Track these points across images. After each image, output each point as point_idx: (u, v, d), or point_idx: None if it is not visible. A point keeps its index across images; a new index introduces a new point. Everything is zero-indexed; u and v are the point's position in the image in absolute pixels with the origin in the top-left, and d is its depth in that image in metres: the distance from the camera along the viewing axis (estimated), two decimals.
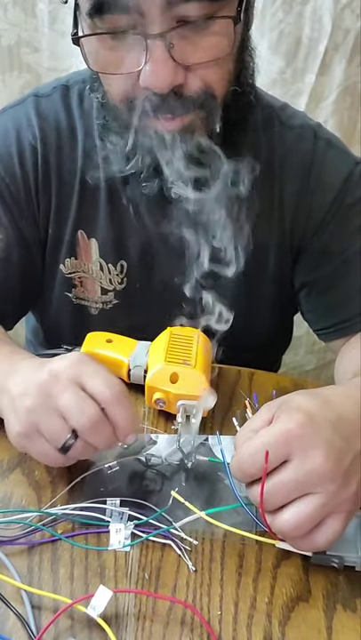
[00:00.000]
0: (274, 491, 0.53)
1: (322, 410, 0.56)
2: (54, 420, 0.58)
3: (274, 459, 0.53)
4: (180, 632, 0.53)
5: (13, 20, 1.29)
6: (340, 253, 0.83)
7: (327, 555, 0.57)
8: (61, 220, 0.85)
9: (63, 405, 0.58)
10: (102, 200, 0.84)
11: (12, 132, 0.83)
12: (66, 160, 0.83)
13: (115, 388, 0.59)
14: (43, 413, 0.58)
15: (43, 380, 0.59)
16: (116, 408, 0.59)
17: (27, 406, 0.59)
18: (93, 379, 0.59)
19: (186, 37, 0.64)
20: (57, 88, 0.85)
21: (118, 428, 0.59)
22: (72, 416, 0.57)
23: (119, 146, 0.75)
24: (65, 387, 0.58)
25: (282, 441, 0.53)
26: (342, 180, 0.82)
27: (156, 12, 0.62)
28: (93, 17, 0.64)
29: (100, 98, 0.75)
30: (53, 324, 0.94)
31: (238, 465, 0.55)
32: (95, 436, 0.58)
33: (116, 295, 0.87)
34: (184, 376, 0.70)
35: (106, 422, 0.58)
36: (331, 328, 0.87)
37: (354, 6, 1.21)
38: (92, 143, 0.82)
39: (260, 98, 0.85)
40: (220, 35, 0.65)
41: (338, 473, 0.53)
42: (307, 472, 0.52)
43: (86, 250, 0.86)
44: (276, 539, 0.57)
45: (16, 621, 0.53)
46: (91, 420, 0.57)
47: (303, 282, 0.87)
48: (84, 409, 0.57)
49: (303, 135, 0.84)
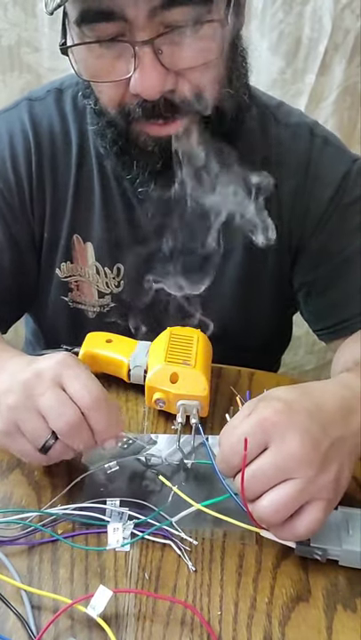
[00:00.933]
0: (253, 478, 0.53)
1: (299, 399, 0.57)
2: (35, 419, 0.58)
3: (253, 447, 0.53)
4: (180, 632, 0.53)
5: (13, 19, 1.29)
6: (338, 253, 0.83)
7: (311, 547, 0.57)
8: (56, 224, 0.85)
9: (44, 406, 0.58)
10: (97, 204, 0.84)
11: (4, 136, 0.83)
12: (60, 164, 0.83)
13: (94, 393, 0.59)
14: (24, 412, 0.58)
15: (26, 378, 0.59)
16: (94, 413, 0.59)
17: (9, 404, 0.59)
18: (73, 382, 0.59)
19: (174, 43, 0.64)
20: (51, 92, 0.85)
21: (96, 433, 0.59)
22: (51, 417, 0.58)
23: (113, 151, 0.75)
24: (47, 387, 0.58)
25: (259, 429, 0.54)
26: (340, 178, 0.82)
27: (142, 19, 0.62)
28: (81, 26, 0.65)
29: (92, 104, 0.75)
30: (51, 327, 0.94)
31: (221, 458, 0.56)
32: (74, 439, 0.59)
33: (112, 298, 0.88)
34: (184, 376, 0.70)
35: (85, 426, 0.59)
36: (330, 328, 0.87)
37: (354, 6, 1.21)
38: (86, 147, 0.82)
39: (256, 97, 0.85)
40: (208, 39, 0.65)
41: (315, 458, 0.53)
42: (283, 457, 0.53)
43: (82, 254, 0.86)
44: (259, 527, 0.57)
45: (16, 621, 0.53)
46: (69, 423, 0.57)
47: (302, 282, 0.87)
48: (63, 411, 0.58)
49: (299, 133, 0.83)
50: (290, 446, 0.53)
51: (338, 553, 0.58)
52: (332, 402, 0.59)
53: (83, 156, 0.83)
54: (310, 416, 0.55)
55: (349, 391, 0.61)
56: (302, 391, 0.59)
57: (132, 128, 0.71)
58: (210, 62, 0.67)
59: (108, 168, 0.82)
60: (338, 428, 0.56)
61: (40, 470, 0.66)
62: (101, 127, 0.75)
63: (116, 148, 0.74)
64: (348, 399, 0.60)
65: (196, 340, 0.75)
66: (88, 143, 0.82)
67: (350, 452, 0.57)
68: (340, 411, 0.58)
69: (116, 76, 0.67)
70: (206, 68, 0.67)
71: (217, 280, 0.86)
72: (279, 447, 0.53)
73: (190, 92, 0.68)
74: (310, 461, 0.53)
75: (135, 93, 0.67)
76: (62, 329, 0.92)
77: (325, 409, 0.57)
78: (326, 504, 0.54)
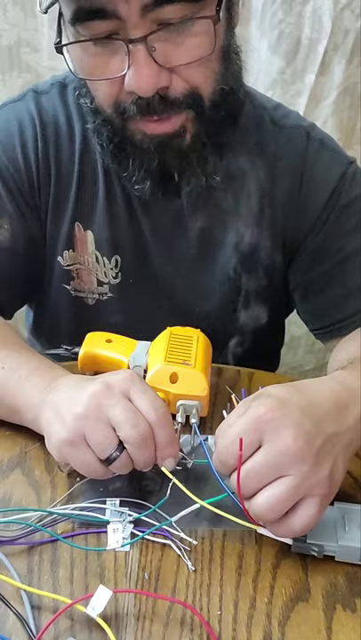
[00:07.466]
0: (249, 476, 0.53)
1: (293, 396, 0.57)
2: (104, 429, 0.58)
3: (248, 445, 0.54)
4: (180, 632, 0.53)
5: (13, 19, 1.29)
6: (335, 254, 0.83)
7: (307, 543, 0.58)
8: (60, 213, 0.85)
9: (115, 416, 0.58)
10: (100, 196, 0.84)
11: (14, 124, 0.84)
12: (64, 154, 0.84)
13: (160, 409, 0.59)
14: (93, 422, 0.58)
15: (96, 389, 0.59)
16: (159, 429, 0.59)
17: (77, 413, 0.58)
18: (142, 397, 0.59)
19: (167, 40, 0.65)
20: (55, 85, 0.86)
21: (159, 449, 0.59)
22: (124, 427, 0.57)
23: (109, 149, 0.75)
24: (118, 399, 0.58)
25: (253, 427, 0.54)
26: (336, 180, 0.82)
27: (135, 16, 0.63)
28: (75, 24, 0.66)
29: (88, 103, 0.76)
30: (52, 318, 0.94)
31: (218, 458, 0.56)
32: (141, 451, 0.58)
33: (110, 289, 0.88)
34: (184, 376, 0.70)
35: (152, 440, 0.59)
36: (327, 328, 0.87)
37: (354, 6, 1.21)
38: (89, 140, 0.83)
39: (253, 98, 0.85)
40: (201, 35, 0.66)
41: (308, 453, 0.54)
42: (277, 453, 0.53)
43: (83, 241, 0.86)
44: (256, 524, 0.57)
45: (16, 621, 0.53)
46: (141, 434, 0.57)
47: (298, 282, 0.88)
48: (137, 422, 0.58)
49: (295, 135, 0.84)
50: (283, 442, 0.53)
51: (334, 549, 0.58)
52: (326, 398, 0.59)
53: (86, 147, 0.84)
54: (304, 413, 0.55)
55: (343, 388, 0.61)
56: (296, 388, 0.59)
57: (128, 126, 0.72)
58: (203, 59, 0.67)
59: (108, 162, 0.83)
60: (332, 424, 0.57)
61: (40, 470, 0.66)
62: (98, 125, 0.76)
63: (113, 147, 0.75)
64: (342, 396, 0.60)
65: (196, 339, 0.75)
66: (90, 136, 0.83)
67: (344, 448, 0.57)
68: (333, 407, 0.58)
69: (110, 73, 0.68)
70: (200, 64, 0.67)
71: (210, 278, 0.86)
72: (273, 444, 0.53)
73: (185, 88, 0.68)
74: (304, 457, 0.53)
75: (130, 91, 0.67)
76: (64, 320, 0.92)
77: (319, 405, 0.58)
78: (321, 500, 0.54)
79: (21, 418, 0.68)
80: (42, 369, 0.69)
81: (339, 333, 0.85)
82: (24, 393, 0.67)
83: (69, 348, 0.81)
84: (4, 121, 0.85)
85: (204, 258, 0.85)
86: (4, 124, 0.84)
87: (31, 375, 0.68)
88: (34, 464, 0.67)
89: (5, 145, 0.83)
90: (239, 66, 0.76)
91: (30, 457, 0.68)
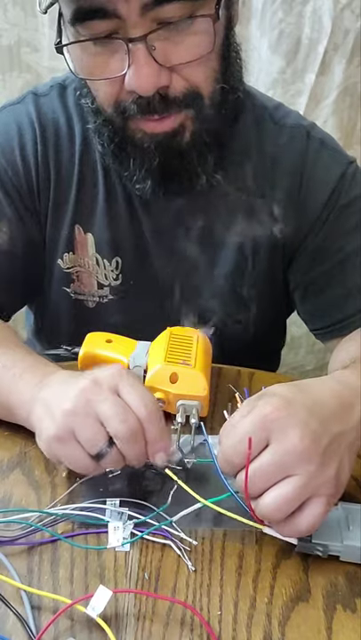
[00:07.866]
0: (255, 475, 0.53)
1: (298, 395, 0.57)
2: (93, 425, 0.58)
3: (255, 444, 0.53)
4: (180, 632, 0.53)
5: (13, 19, 1.29)
6: (335, 253, 0.84)
7: (312, 543, 0.58)
8: (60, 216, 0.85)
9: (104, 411, 0.57)
10: (100, 198, 0.84)
11: (13, 126, 0.84)
12: (64, 156, 0.84)
13: (150, 404, 0.59)
14: (82, 417, 0.58)
15: (85, 385, 0.59)
16: (149, 424, 0.59)
17: (66, 409, 0.58)
18: (131, 392, 0.59)
19: (167, 39, 0.65)
20: (54, 87, 0.86)
21: (150, 444, 0.59)
22: (112, 423, 0.57)
23: (110, 149, 0.76)
24: (106, 394, 0.58)
25: (260, 426, 0.54)
26: (336, 180, 0.82)
27: (135, 15, 0.63)
28: (75, 24, 0.66)
29: (89, 103, 0.76)
30: (52, 320, 0.94)
31: (224, 457, 0.56)
32: (131, 446, 0.58)
33: (111, 291, 0.88)
34: (184, 376, 0.70)
35: (142, 435, 0.59)
36: (327, 328, 0.87)
37: (354, 6, 1.21)
38: (89, 141, 0.83)
39: (254, 98, 0.85)
40: (200, 34, 0.66)
41: (315, 453, 0.53)
42: (284, 452, 0.53)
43: (83, 244, 0.86)
44: (262, 524, 0.57)
45: (16, 622, 0.53)
46: (131, 429, 0.57)
47: (298, 282, 0.88)
48: (126, 417, 0.57)
49: (296, 135, 0.84)
50: (290, 442, 0.53)
51: (339, 548, 0.58)
52: (331, 398, 0.59)
53: (86, 149, 0.84)
54: (310, 412, 0.55)
55: (345, 387, 0.61)
56: (300, 388, 0.59)
57: (129, 125, 0.72)
58: (203, 58, 0.67)
59: (108, 163, 0.83)
60: (337, 423, 0.57)
61: (40, 470, 0.66)
62: (99, 126, 0.76)
63: (113, 146, 0.75)
64: (346, 395, 0.60)
65: (196, 340, 0.75)
66: (90, 138, 0.83)
67: (350, 448, 0.57)
68: (338, 406, 0.58)
69: (110, 73, 0.68)
70: (200, 63, 0.68)
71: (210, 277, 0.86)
72: (280, 443, 0.53)
73: (185, 87, 0.69)
74: (310, 457, 0.53)
75: (130, 90, 0.68)
76: (64, 322, 0.92)
77: (324, 405, 0.58)
78: (327, 499, 0.54)
79: (15, 416, 0.68)
80: (36, 366, 0.69)
81: (339, 333, 0.85)
82: (17, 390, 0.67)
83: (69, 349, 0.81)
84: (2, 124, 0.85)
85: (204, 257, 0.85)
86: (2, 126, 0.84)
87: (25, 373, 0.68)
88: (34, 464, 0.67)
89: (4, 148, 0.83)
90: (239, 65, 0.77)
91: (30, 457, 0.68)
